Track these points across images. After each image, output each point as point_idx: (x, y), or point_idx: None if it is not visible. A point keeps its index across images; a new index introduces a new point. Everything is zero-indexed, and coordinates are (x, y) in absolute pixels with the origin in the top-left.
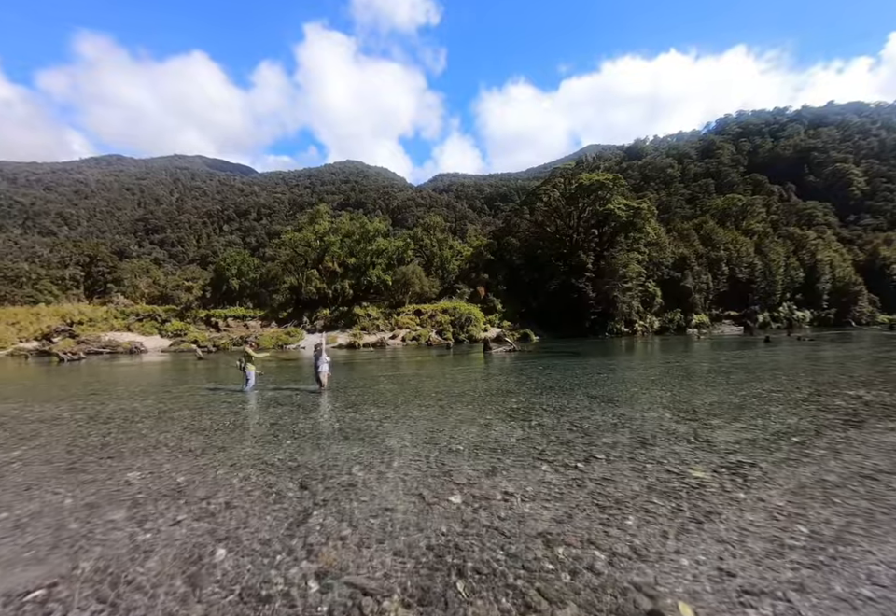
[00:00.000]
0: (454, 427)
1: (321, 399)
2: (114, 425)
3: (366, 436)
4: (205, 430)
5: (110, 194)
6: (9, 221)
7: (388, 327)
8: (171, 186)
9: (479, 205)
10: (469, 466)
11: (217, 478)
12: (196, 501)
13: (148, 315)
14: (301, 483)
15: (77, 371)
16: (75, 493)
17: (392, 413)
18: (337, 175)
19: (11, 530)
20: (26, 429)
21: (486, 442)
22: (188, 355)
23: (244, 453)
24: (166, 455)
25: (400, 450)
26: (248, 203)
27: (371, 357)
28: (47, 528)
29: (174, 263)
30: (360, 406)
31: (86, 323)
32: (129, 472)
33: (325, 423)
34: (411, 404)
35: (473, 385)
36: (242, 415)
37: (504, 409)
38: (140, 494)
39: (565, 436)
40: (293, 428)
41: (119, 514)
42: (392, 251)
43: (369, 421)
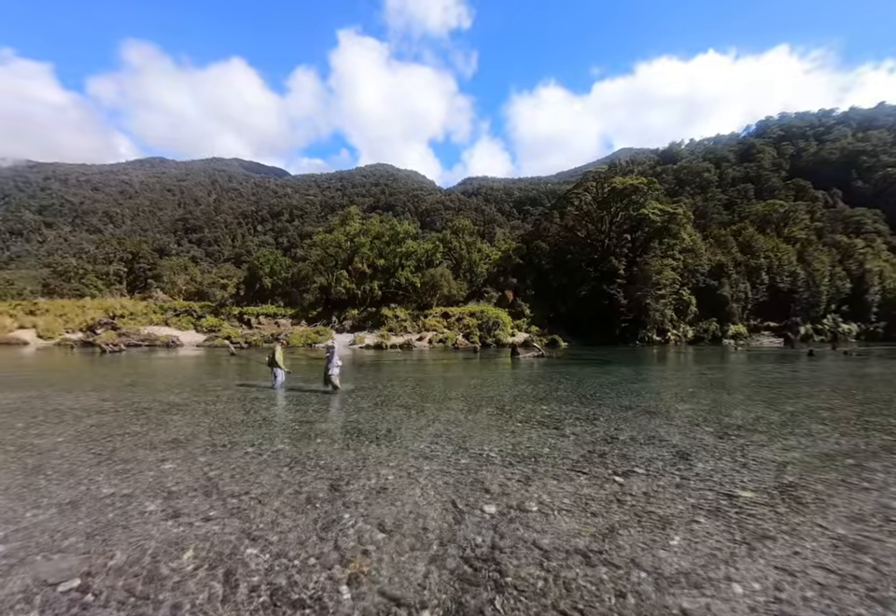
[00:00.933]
0: (484, 433)
1: (334, 400)
2: (150, 415)
3: (395, 438)
4: (237, 425)
5: (153, 195)
6: (60, 219)
7: (415, 329)
8: (209, 187)
9: (508, 209)
10: (502, 473)
11: (248, 474)
12: (228, 497)
13: (185, 310)
14: (331, 483)
15: (117, 362)
16: (113, 482)
17: (420, 415)
18: (367, 178)
19: (51, 517)
20: (69, 417)
21: (518, 450)
22: (221, 350)
23: (274, 450)
24: (199, 449)
25: (430, 454)
26: (281, 204)
27: (397, 358)
28: (85, 517)
29: (210, 262)
30: (388, 407)
31: (127, 316)
32: (164, 464)
33: (352, 423)
34: (439, 407)
35: (501, 390)
36: (272, 412)
37: (535, 416)
38: (174, 486)
39: (600, 447)
40: (322, 427)
41: (154, 506)
42: (421, 253)
43: (397, 423)
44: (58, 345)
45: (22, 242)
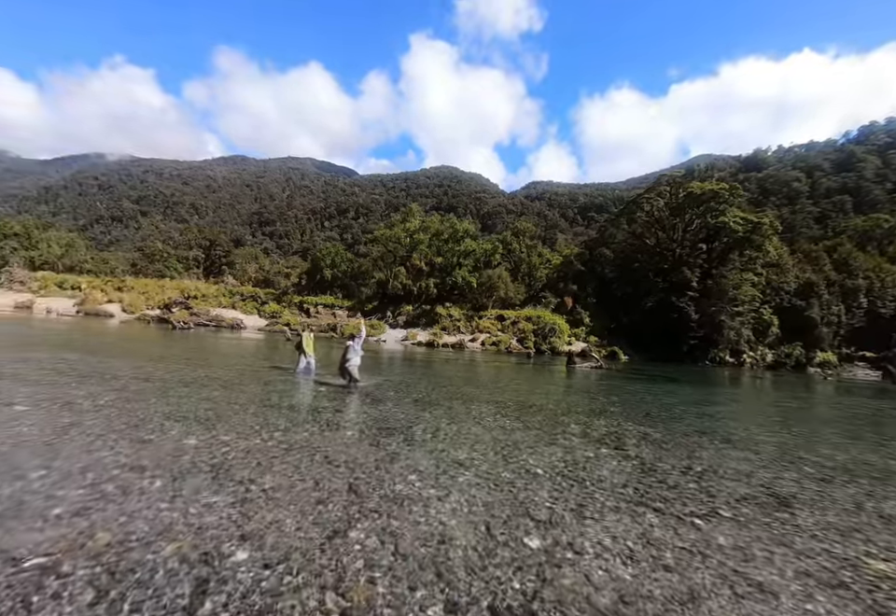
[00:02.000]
0: (532, 446)
1: (365, 392)
2: (193, 388)
3: (431, 440)
4: (272, 407)
5: (233, 189)
6: (154, 209)
7: (469, 329)
8: (283, 184)
9: (571, 215)
10: (551, 497)
11: (265, 460)
12: (237, 484)
13: (251, 296)
14: (350, 484)
15: (185, 338)
16: (129, 452)
17: (464, 418)
18: (431, 179)
19: (54, 482)
20: (118, 384)
21: (571, 470)
22: (279, 335)
23: (300, 438)
24: (224, 428)
25: (468, 463)
26: (348, 202)
27: (448, 357)
28: (86, 487)
29: (279, 253)
30: (430, 406)
31: (200, 298)
32: (187, 439)
33: (387, 418)
34: (486, 412)
35: (555, 399)
36: (312, 398)
37: (592, 431)
38: (187, 464)
39: (672, 477)
40: (355, 420)
41: (157, 484)
42: (479, 253)
43: (437, 424)
44: (138, 319)
45: (121, 228)
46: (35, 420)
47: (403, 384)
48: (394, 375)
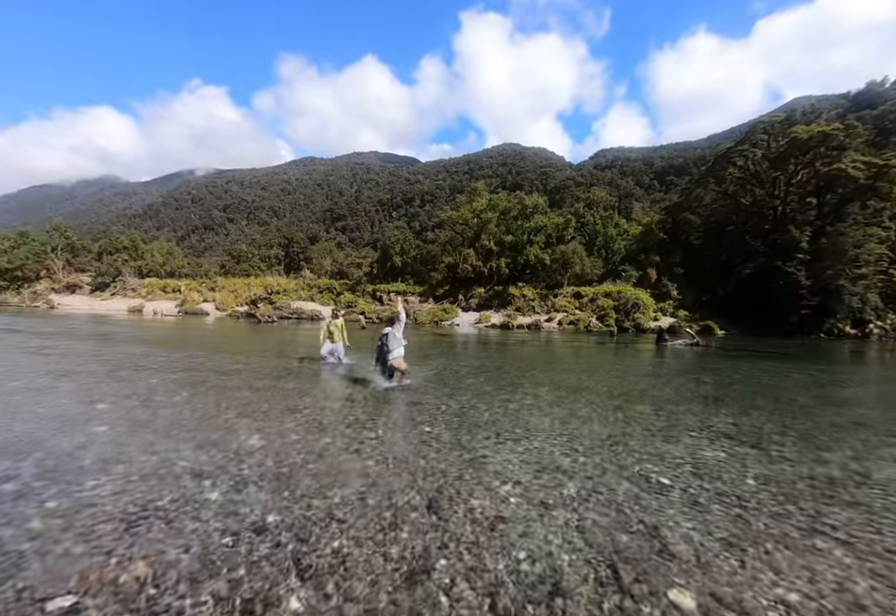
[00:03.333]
0: (645, 444)
1: (431, 383)
2: (266, 382)
3: (523, 439)
4: (342, 400)
5: (306, 190)
6: (238, 215)
7: (544, 309)
8: (351, 179)
9: (647, 181)
10: (688, 521)
11: (330, 464)
12: (298, 498)
13: (327, 288)
14: (429, 498)
15: (269, 331)
16: (193, 456)
17: (554, 409)
18: (494, 159)
19: (111, 492)
20: (200, 377)
21: (705, 478)
22: (354, 324)
23: (373, 436)
24: (292, 425)
25: (572, 470)
26: (413, 190)
27: (524, 338)
28: (140, 499)
29: (352, 246)
30: (513, 394)
31: (282, 293)
32: (252, 439)
33: (468, 412)
34: (578, 401)
35: (654, 383)
36: (381, 389)
37: (712, 423)
38: (248, 469)
39: (847, 487)
40: (430, 414)
41: (215, 495)
42: (551, 228)
43: (525, 417)
44: (229, 316)
45: (213, 235)
46: (114, 416)
47: (480, 369)
48: (469, 360)
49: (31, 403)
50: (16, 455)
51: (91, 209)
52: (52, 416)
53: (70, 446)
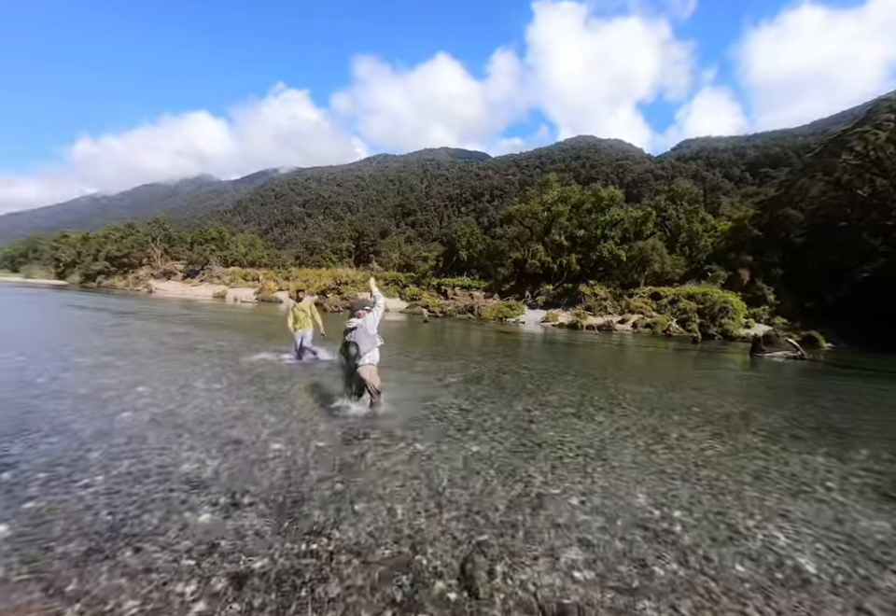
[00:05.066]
0: (764, 496)
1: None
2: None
3: (592, 469)
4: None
5: (378, 186)
6: (315, 210)
7: (617, 309)
8: (421, 175)
9: (737, 174)
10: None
11: (346, 495)
12: (304, 535)
13: (393, 280)
14: (464, 561)
15: (335, 320)
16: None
17: (634, 430)
18: (567, 152)
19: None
20: (248, 375)
21: (873, 582)
22: (417, 317)
23: (401, 459)
24: (325, 430)
25: (661, 527)
26: (483, 186)
27: (594, 340)
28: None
29: (421, 241)
30: (582, 408)
31: (350, 283)
32: (273, 442)
33: (529, 428)
34: (664, 423)
35: (759, 405)
36: (428, 388)
37: (855, 470)
38: (276, 485)
39: None
40: (481, 424)
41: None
42: (628, 222)
43: (596, 442)
44: None
45: (292, 228)
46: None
47: (543, 373)
48: (531, 361)
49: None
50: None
51: (190, 205)
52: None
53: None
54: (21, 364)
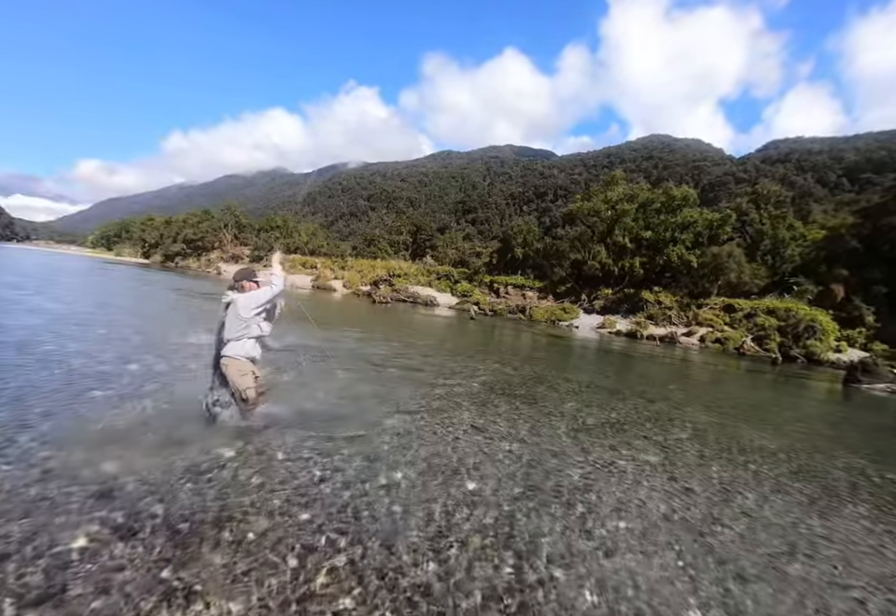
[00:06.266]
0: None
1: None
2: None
3: (636, 547)
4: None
5: (441, 182)
6: (379, 204)
7: (683, 320)
8: (484, 173)
9: (833, 179)
10: None
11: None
12: None
13: (445, 275)
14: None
15: (383, 311)
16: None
17: (702, 486)
18: (638, 152)
19: None
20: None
21: None
22: (465, 313)
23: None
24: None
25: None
26: (547, 185)
27: (654, 352)
28: None
29: (480, 238)
30: (630, 437)
31: (402, 276)
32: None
33: (558, 459)
34: (737, 470)
35: (863, 455)
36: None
37: None
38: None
39: None
40: (501, 452)
41: None
42: (703, 225)
43: (644, 490)
44: (353, 294)
45: (356, 221)
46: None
47: (590, 387)
48: (580, 372)
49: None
50: None
51: (265, 196)
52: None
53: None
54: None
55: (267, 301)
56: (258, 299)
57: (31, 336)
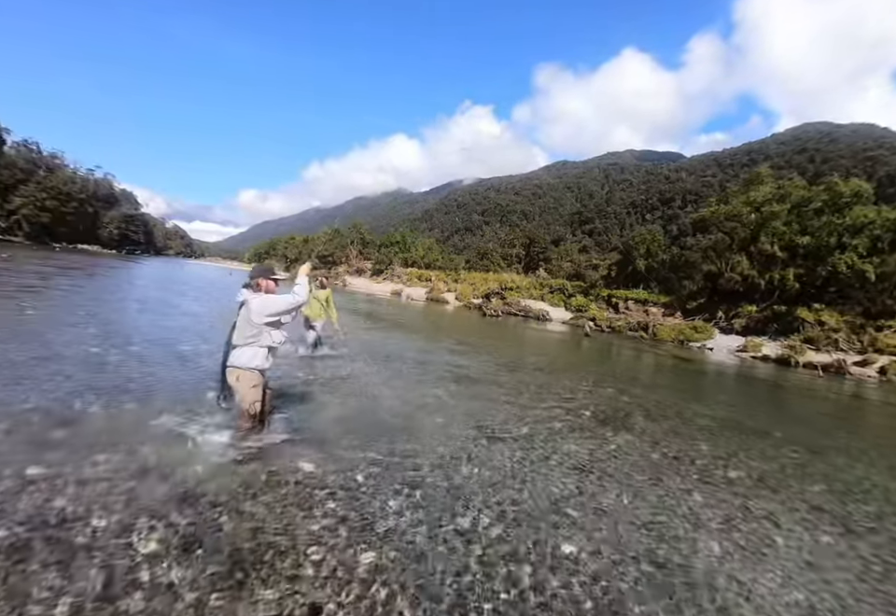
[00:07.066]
0: None
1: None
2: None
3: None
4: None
5: (556, 193)
6: (493, 218)
7: (855, 346)
8: (602, 181)
9: None
10: None
11: None
12: None
13: (559, 288)
14: None
15: (493, 324)
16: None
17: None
18: (787, 145)
19: None
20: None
21: None
22: (579, 329)
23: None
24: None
25: None
26: (673, 190)
27: (813, 385)
28: None
29: (597, 250)
30: (786, 511)
31: (514, 289)
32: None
33: (685, 542)
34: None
35: None
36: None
37: None
38: None
39: None
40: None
41: None
42: (882, 227)
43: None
44: (464, 306)
45: (470, 236)
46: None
47: (727, 428)
48: (714, 407)
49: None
50: None
51: (387, 215)
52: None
53: None
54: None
55: (284, 311)
56: (274, 307)
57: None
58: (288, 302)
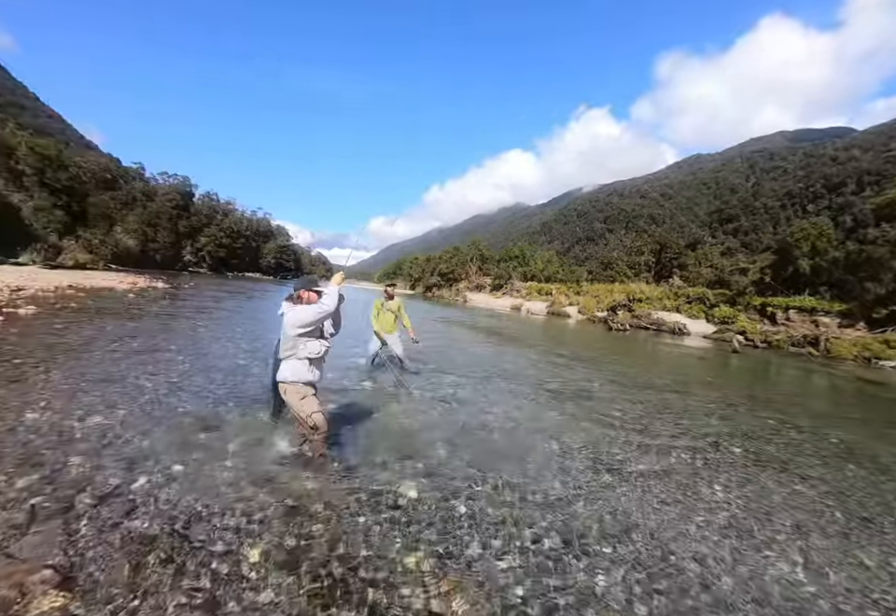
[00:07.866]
0: None
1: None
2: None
3: None
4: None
5: (689, 192)
6: (617, 225)
7: None
8: (746, 172)
9: None
10: None
11: None
12: None
13: (698, 297)
14: None
15: (620, 339)
16: None
17: None
18: None
19: None
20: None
21: None
22: (725, 345)
23: None
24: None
25: None
26: (842, 173)
27: None
28: None
29: (745, 252)
30: None
31: (643, 300)
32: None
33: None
34: None
35: None
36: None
37: None
38: None
39: None
40: None
41: None
42: None
43: None
44: (588, 320)
45: (592, 245)
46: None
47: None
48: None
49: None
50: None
51: (505, 230)
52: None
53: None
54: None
55: (312, 321)
56: (303, 318)
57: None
58: (316, 312)
